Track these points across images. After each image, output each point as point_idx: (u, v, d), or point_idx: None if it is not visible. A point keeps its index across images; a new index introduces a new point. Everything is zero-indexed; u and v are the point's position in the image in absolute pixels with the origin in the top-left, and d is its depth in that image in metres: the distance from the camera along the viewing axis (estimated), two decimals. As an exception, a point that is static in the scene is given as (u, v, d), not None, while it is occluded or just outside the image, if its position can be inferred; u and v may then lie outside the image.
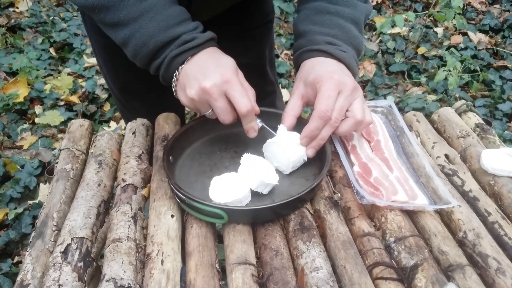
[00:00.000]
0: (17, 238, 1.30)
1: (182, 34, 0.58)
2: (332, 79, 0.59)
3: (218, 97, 0.56)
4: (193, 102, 0.58)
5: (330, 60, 0.62)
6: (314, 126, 0.59)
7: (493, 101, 1.87)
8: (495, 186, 0.62)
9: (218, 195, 0.57)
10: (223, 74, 0.56)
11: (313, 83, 0.60)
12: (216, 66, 0.57)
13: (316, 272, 0.49)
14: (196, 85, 0.56)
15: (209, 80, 0.56)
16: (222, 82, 0.56)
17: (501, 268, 0.50)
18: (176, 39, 0.58)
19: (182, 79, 0.58)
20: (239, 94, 0.57)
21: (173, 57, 0.58)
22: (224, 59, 0.59)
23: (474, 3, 2.53)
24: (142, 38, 0.57)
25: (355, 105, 0.60)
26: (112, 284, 0.48)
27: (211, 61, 0.58)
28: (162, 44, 0.58)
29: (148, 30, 0.57)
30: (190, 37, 0.58)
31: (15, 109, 1.85)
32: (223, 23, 0.86)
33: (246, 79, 0.64)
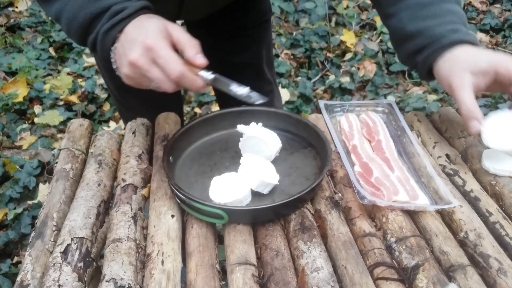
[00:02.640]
0: (16, 238, 1.30)
1: (112, 5, 0.55)
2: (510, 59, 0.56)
3: (149, 67, 0.53)
4: (131, 79, 0.55)
5: (467, 46, 0.59)
6: None
7: (494, 101, 1.87)
8: (496, 186, 0.62)
9: (218, 195, 0.57)
10: (145, 42, 0.52)
11: (490, 70, 0.57)
12: (139, 35, 0.54)
13: (317, 273, 0.49)
14: (125, 61, 0.54)
15: (134, 52, 0.53)
16: (146, 50, 0.52)
17: (503, 269, 0.49)
18: (106, 11, 0.55)
19: (117, 57, 0.56)
20: (164, 60, 0.53)
21: (105, 32, 0.55)
22: (148, 24, 0.55)
23: (474, 3, 2.53)
24: (72, 11, 0.55)
25: None
26: (112, 284, 0.47)
27: (136, 30, 0.55)
28: (92, 16, 0.55)
29: (77, 2, 0.55)
30: (120, 7, 0.55)
31: (15, 109, 1.85)
32: (219, 22, 0.86)
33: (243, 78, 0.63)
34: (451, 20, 0.61)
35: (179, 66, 0.53)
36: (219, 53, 0.93)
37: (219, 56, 0.93)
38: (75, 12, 0.55)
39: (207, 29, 0.89)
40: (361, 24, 2.40)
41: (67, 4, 0.55)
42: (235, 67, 0.94)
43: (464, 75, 0.58)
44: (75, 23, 0.55)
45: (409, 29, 0.63)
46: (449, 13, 0.62)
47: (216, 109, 1.60)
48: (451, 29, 0.60)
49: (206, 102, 1.93)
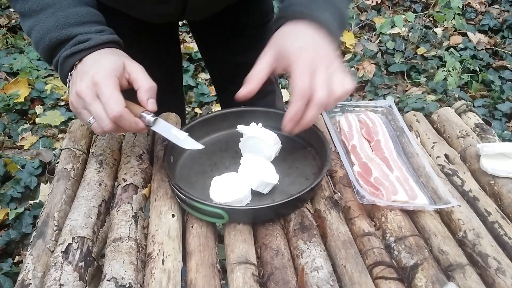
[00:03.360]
0: (17, 238, 1.30)
1: (79, 35, 0.56)
2: (303, 57, 0.54)
3: (91, 101, 0.53)
4: (74, 108, 0.55)
5: (306, 27, 0.57)
6: (296, 107, 0.54)
7: (493, 101, 1.87)
8: (495, 186, 0.62)
9: (219, 195, 0.57)
10: (94, 76, 0.53)
11: (284, 59, 0.57)
12: (91, 69, 0.54)
13: (316, 272, 0.49)
14: (73, 90, 0.54)
15: (82, 83, 0.53)
16: (92, 84, 0.53)
17: (501, 268, 0.50)
18: (71, 39, 0.56)
19: (71, 83, 0.56)
20: (106, 98, 0.53)
21: (64, 58, 0.56)
22: (105, 60, 0.55)
23: (473, 4, 2.53)
24: (40, 32, 0.56)
25: (334, 79, 0.55)
26: (113, 283, 0.48)
27: (92, 63, 0.55)
28: (57, 42, 0.56)
29: (46, 25, 0.56)
30: (85, 38, 0.56)
31: (16, 109, 1.85)
32: (222, 22, 0.86)
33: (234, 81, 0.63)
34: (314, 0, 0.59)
35: (119, 106, 0.53)
36: (221, 53, 0.93)
37: (221, 56, 0.94)
38: (42, 34, 0.56)
39: (209, 29, 0.90)
40: (360, 25, 2.41)
41: (37, 24, 0.56)
42: (237, 67, 0.94)
43: (270, 50, 0.59)
44: (42, 44, 0.56)
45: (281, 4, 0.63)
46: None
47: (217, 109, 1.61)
48: (309, 5, 0.59)
49: (206, 103, 1.93)
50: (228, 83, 0.99)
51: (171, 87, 0.97)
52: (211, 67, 1.02)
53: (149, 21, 0.77)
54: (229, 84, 0.99)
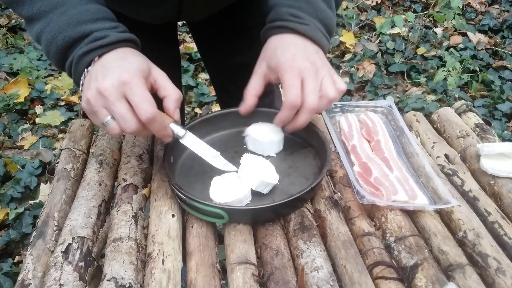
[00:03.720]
0: (17, 238, 1.30)
1: (94, 31, 0.53)
2: (292, 68, 0.57)
3: (116, 100, 0.50)
4: (89, 105, 0.51)
5: (293, 38, 0.60)
6: (286, 115, 0.59)
7: (493, 101, 1.87)
8: (495, 186, 0.62)
9: (219, 195, 0.57)
10: (122, 75, 0.50)
11: (275, 70, 0.60)
12: (118, 67, 0.51)
13: (316, 272, 0.49)
14: (93, 86, 0.51)
15: (106, 80, 0.50)
16: (120, 83, 0.50)
17: (501, 268, 0.50)
18: (86, 36, 0.53)
19: (87, 80, 0.53)
20: (139, 98, 0.50)
21: (81, 56, 0.53)
22: (131, 59, 0.53)
23: (473, 4, 2.53)
24: (51, 33, 0.53)
25: (324, 84, 0.58)
26: (113, 283, 0.48)
27: (116, 61, 0.52)
28: (71, 40, 0.53)
29: (58, 24, 0.53)
30: (102, 34, 0.53)
31: (16, 109, 1.85)
32: (220, 23, 0.86)
33: (244, 78, 0.63)
34: (300, 7, 0.61)
35: (154, 108, 0.51)
36: (219, 54, 0.93)
37: (221, 56, 0.94)
38: (54, 34, 0.53)
39: (208, 30, 0.90)
40: (360, 25, 2.41)
41: (47, 26, 0.53)
42: (235, 67, 0.94)
43: (262, 64, 0.62)
44: (54, 45, 0.53)
45: (269, 2, 0.65)
46: (304, 0, 0.61)
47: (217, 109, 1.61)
48: (292, 13, 0.60)
49: (206, 103, 1.93)
50: (227, 83, 0.99)
51: None
52: (210, 68, 1.02)
53: (146, 22, 0.77)
54: (229, 84, 0.99)
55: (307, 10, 0.61)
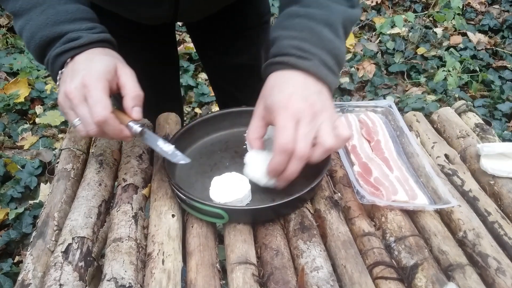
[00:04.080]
0: (17, 238, 1.30)
1: (69, 32, 0.54)
2: (286, 109, 0.52)
3: (78, 103, 0.52)
4: (61, 108, 0.54)
5: (293, 75, 0.54)
6: (277, 161, 0.52)
7: (493, 101, 1.87)
8: (495, 186, 0.62)
9: (219, 195, 0.57)
10: (84, 77, 0.52)
11: (270, 111, 0.54)
12: (83, 69, 0.53)
13: (316, 272, 0.49)
14: (62, 89, 0.53)
15: (71, 83, 0.52)
16: (81, 86, 0.51)
17: (501, 268, 0.50)
18: (62, 37, 0.54)
19: (61, 82, 0.55)
20: (93, 101, 0.51)
21: (55, 56, 0.55)
22: (98, 60, 0.54)
23: (473, 4, 2.53)
24: (30, 31, 0.55)
25: (322, 130, 0.52)
26: (113, 283, 0.48)
27: (83, 63, 0.54)
28: (48, 40, 0.54)
29: (36, 23, 0.54)
30: (75, 35, 0.54)
31: (16, 109, 1.85)
32: (218, 23, 0.86)
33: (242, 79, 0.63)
34: (303, 38, 0.55)
35: (104, 111, 0.51)
36: (218, 55, 0.93)
37: (219, 57, 0.94)
38: (33, 32, 0.55)
39: (205, 31, 0.90)
40: (360, 25, 2.41)
41: (27, 23, 0.55)
42: (234, 68, 0.94)
43: (260, 104, 0.57)
44: (33, 43, 0.55)
45: (271, 35, 0.60)
46: (307, 30, 0.55)
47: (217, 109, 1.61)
48: (296, 46, 0.55)
49: (206, 103, 1.93)
50: (226, 84, 0.99)
51: (168, 87, 0.97)
52: (208, 68, 1.02)
53: (143, 23, 0.77)
54: (227, 85, 0.99)
55: (311, 40, 0.55)
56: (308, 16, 0.57)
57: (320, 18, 0.56)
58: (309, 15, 0.57)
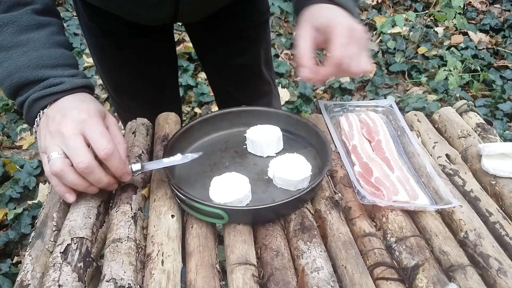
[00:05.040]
0: (16, 238, 1.30)
1: (51, 77, 0.54)
2: (343, 25, 0.56)
3: (73, 135, 0.50)
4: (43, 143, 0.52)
5: (333, 7, 0.59)
6: (329, 72, 0.56)
7: (494, 101, 1.87)
8: (496, 186, 0.62)
9: (218, 195, 0.57)
10: (80, 114, 0.52)
11: (322, 28, 0.57)
12: (75, 107, 0.53)
13: (316, 272, 0.49)
14: (51, 125, 0.52)
15: (65, 119, 0.51)
16: (79, 121, 0.51)
17: (503, 269, 0.49)
18: (42, 81, 0.54)
19: (43, 122, 0.54)
20: (98, 135, 0.51)
21: (35, 100, 0.54)
22: (87, 104, 0.54)
23: (474, 3, 2.53)
24: (8, 69, 0.54)
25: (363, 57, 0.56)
26: (112, 284, 0.47)
27: (74, 102, 0.54)
28: (27, 81, 0.54)
29: (16, 63, 0.53)
30: (57, 81, 0.54)
31: (15, 109, 1.85)
32: (217, 24, 0.86)
33: (241, 79, 0.63)
34: None
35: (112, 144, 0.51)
36: (217, 55, 0.93)
37: (218, 57, 0.94)
38: (11, 72, 0.54)
39: (204, 31, 0.89)
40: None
41: (5, 61, 0.54)
42: (233, 68, 0.94)
43: (307, 26, 0.59)
44: (8, 81, 0.54)
45: None
46: None
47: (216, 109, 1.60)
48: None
49: (206, 102, 1.93)
50: (225, 85, 0.99)
51: (167, 86, 0.97)
52: (208, 69, 1.02)
53: (143, 24, 0.77)
54: (227, 85, 0.99)
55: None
56: None
57: None
58: None
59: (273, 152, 0.67)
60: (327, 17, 0.57)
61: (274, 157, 0.66)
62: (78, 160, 0.50)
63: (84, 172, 0.51)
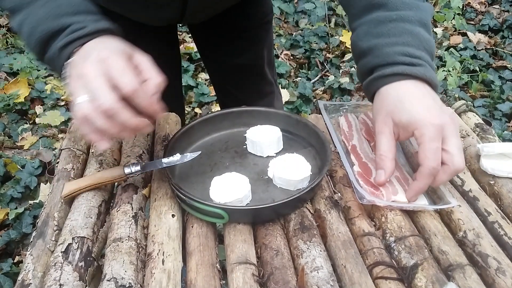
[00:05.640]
0: (17, 238, 1.30)
1: (73, 24, 0.51)
2: (433, 126, 0.50)
3: (94, 77, 0.46)
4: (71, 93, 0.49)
5: (412, 84, 0.53)
6: (425, 184, 0.52)
7: (493, 101, 1.87)
8: (495, 186, 0.62)
9: (219, 195, 0.57)
10: (100, 53, 0.48)
11: (408, 127, 0.52)
12: (97, 49, 0.50)
13: (316, 272, 0.49)
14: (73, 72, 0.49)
15: (86, 62, 0.48)
16: (99, 60, 0.47)
17: (501, 268, 0.50)
18: (65, 29, 0.51)
19: (69, 71, 0.51)
20: (120, 71, 0.47)
21: (60, 49, 0.51)
22: (112, 42, 0.51)
23: (473, 4, 2.53)
24: (31, 24, 0.52)
25: (453, 147, 0.51)
26: (113, 283, 0.48)
27: (97, 45, 0.51)
28: (50, 33, 0.51)
29: (37, 16, 0.52)
30: (80, 26, 0.51)
31: (16, 109, 1.85)
32: (221, 24, 0.86)
33: (244, 79, 0.63)
34: (405, 42, 0.54)
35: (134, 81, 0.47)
36: (220, 55, 0.93)
37: (221, 57, 0.94)
38: (34, 26, 0.52)
39: (208, 31, 0.90)
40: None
41: (27, 18, 0.52)
42: (237, 68, 0.94)
43: (387, 120, 0.54)
44: (33, 38, 0.52)
45: (361, 46, 0.58)
46: (406, 33, 0.54)
47: (217, 109, 1.60)
48: (402, 52, 0.53)
49: (206, 103, 1.93)
50: (227, 85, 1.00)
51: (171, 86, 0.97)
52: (210, 69, 1.02)
53: (148, 24, 0.77)
54: (229, 85, 0.99)
55: (413, 43, 0.54)
56: (403, 19, 0.55)
57: (414, 19, 0.55)
58: (403, 18, 0.55)
59: (273, 152, 0.67)
60: (412, 114, 0.51)
61: (274, 157, 0.66)
62: (100, 101, 0.46)
63: (109, 114, 0.46)
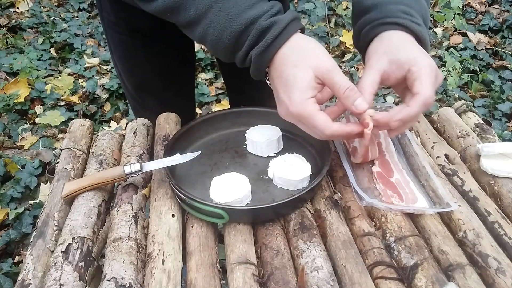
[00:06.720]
0: (17, 238, 1.30)
1: (257, 19, 0.51)
2: (429, 65, 0.53)
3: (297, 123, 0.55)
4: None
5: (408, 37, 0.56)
6: (417, 112, 0.53)
7: (493, 101, 1.87)
8: (495, 186, 0.62)
9: (219, 195, 0.57)
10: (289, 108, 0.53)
11: (405, 64, 0.54)
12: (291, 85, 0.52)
13: (316, 272, 0.49)
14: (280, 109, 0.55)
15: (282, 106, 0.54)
16: (291, 115, 0.54)
17: (501, 268, 0.50)
18: (250, 25, 0.51)
19: (274, 84, 0.55)
20: (315, 128, 0.53)
21: (259, 55, 0.52)
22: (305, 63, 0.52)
23: (473, 4, 2.53)
24: (215, 33, 0.52)
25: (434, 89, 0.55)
26: (113, 283, 0.48)
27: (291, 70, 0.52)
28: (236, 35, 0.52)
29: (219, 23, 0.51)
30: (268, 23, 0.51)
31: (16, 109, 1.85)
32: None
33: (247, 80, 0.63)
34: (408, 4, 0.58)
35: (329, 130, 0.52)
36: None
37: None
38: (218, 35, 0.52)
39: None
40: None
41: (209, 27, 0.52)
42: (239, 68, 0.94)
43: (382, 58, 0.56)
44: (221, 44, 0.53)
45: (365, 3, 0.60)
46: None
47: (217, 109, 1.61)
48: (404, 10, 0.57)
49: (206, 103, 1.93)
50: (238, 80, 0.99)
51: (185, 85, 0.97)
52: (224, 66, 1.02)
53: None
54: (239, 81, 0.99)
55: (415, 7, 0.58)
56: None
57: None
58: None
59: (273, 152, 0.67)
60: (411, 53, 0.54)
61: (274, 157, 0.66)
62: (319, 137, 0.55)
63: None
